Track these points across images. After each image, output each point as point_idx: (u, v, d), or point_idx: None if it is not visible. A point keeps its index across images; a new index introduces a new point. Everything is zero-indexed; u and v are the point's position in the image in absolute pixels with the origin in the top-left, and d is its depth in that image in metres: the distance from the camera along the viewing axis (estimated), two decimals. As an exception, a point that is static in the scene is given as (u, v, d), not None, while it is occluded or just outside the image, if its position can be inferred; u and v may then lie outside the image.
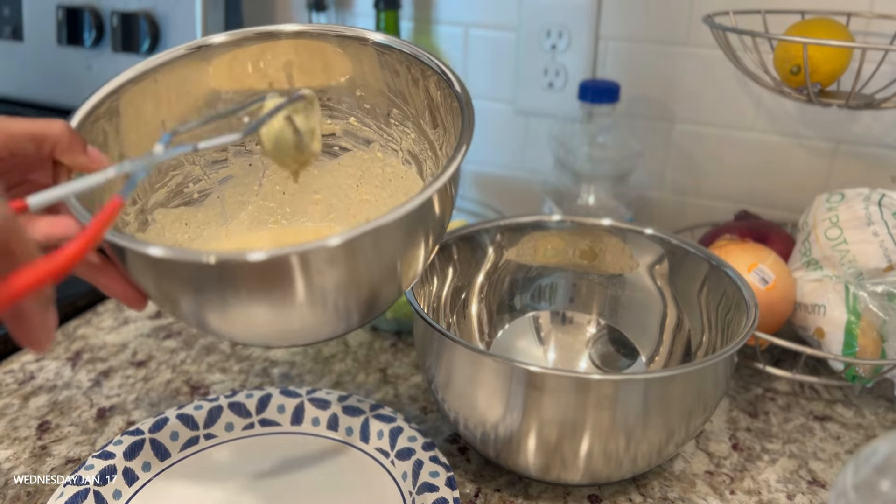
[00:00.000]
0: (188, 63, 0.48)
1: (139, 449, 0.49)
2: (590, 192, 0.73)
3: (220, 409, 0.52)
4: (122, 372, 0.60)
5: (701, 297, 0.55)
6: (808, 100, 0.59)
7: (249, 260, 0.34)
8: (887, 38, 0.64)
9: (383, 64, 0.48)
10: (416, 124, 0.49)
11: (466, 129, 0.42)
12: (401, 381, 0.60)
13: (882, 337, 0.54)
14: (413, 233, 0.40)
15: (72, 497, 0.44)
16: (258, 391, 0.54)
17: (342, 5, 0.86)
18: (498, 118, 0.85)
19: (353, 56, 0.49)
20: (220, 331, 0.40)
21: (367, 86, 0.50)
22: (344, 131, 0.52)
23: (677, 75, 0.75)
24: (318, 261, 0.36)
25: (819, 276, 0.58)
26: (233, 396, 0.53)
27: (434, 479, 0.46)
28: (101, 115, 0.45)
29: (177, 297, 0.38)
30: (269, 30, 0.48)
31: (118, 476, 0.47)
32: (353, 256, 0.37)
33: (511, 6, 0.79)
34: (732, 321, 0.51)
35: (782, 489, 0.50)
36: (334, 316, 0.40)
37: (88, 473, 0.46)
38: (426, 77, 0.47)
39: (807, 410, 0.58)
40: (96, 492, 0.45)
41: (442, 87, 0.46)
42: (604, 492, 0.49)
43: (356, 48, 0.48)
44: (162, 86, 0.48)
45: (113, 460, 0.47)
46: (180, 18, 0.79)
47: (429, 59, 0.46)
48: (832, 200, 0.60)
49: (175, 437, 0.50)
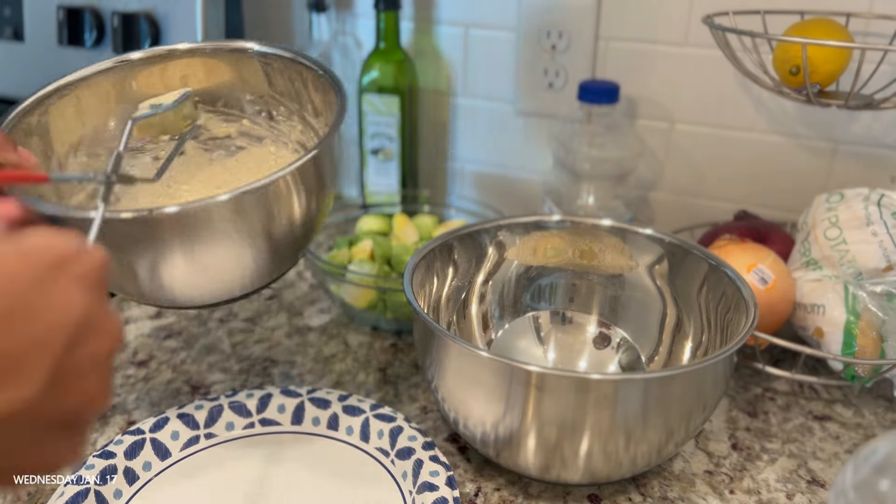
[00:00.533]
0: (108, 77, 0.54)
1: (140, 448, 0.49)
2: (590, 192, 0.73)
3: (220, 409, 0.52)
4: (122, 371, 0.60)
5: (700, 296, 0.55)
6: (807, 100, 0.59)
7: (166, 212, 0.41)
8: (886, 38, 0.65)
9: (266, 69, 0.56)
10: (301, 117, 0.56)
11: (339, 113, 0.48)
12: (401, 381, 0.61)
13: (881, 337, 0.55)
14: (296, 192, 0.45)
15: (72, 497, 0.44)
16: (258, 391, 0.54)
17: (342, 5, 0.86)
18: (498, 118, 0.85)
19: (240, 65, 0.56)
20: (138, 288, 0.45)
21: (255, 90, 0.57)
22: (238, 132, 0.58)
23: (677, 75, 0.76)
24: (217, 210, 0.42)
25: (818, 276, 0.59)
26: (233, 396, 0.54)
27: (434, 478, 0.46)
28: (31, 124, 0.50)
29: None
30: (168, 49, 0.56)
31: (119, 476, 0.47)
32: (241, 212, 0.43)
33: (511, 6, 0.79)
34: (732, 321, 0.51)
35: (782, 489, 0.50)
36: (232, 269, 0.46)
37: (89, 473, 0.46)
38: (304, 76, 0.54)
39: (806, 410, 0.58)
40: (97, 491, 0.45)
41: (320, 81, 0.52)
42: (603, 491, 0.49)
43: (242, 58, 0.56)
44: (84, 98, 0.54)
45: (114, 460, 0.47)
46: (181, 19, 0.79)
47: (304, 59, 0.53)
48: (831, 200, 0.60)
49: (176, 436, 0.51)
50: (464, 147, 0.88)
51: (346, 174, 0.92)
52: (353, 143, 0.89)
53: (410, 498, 0.47)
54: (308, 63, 0.53)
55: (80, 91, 0.53)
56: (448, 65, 0.85)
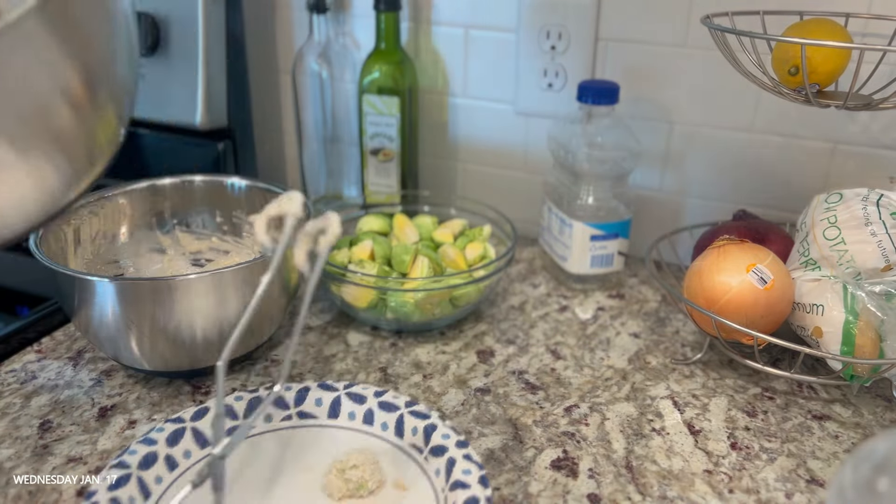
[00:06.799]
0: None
1: (180, 437, 0.49)
2: (589, 192, 0.73)
3: (258, 401, 0.53)
4: (123, 371, 0.61)
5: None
6: (806, 100, 0.59)
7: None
8: (885, 38, 0.65)
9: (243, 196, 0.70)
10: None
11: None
12: (401, 380, 0.61)
13: (880, 336, 0.55)
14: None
15: (115, 481, 0.45)
16: (296, 384, 0.55)
17: (342, 6, 0.86)
18: (498, 119, 0.85)
19: (218, 192, 0.70)
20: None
21: (225, 212, 0.71)
22: (208, 247, 0.71)
23: (676, 76, 0.76)
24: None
25: (817, 276, 0.59)
26: (272, 388, 0.54)
27: (466, 476, 0.46)
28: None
29: None
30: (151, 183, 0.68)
31: (160, 462, 0.48)
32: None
33: (511, 7, 0.80)
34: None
35: (781, 488, 0.50)
36: None
37: (132, 458, 0.47)
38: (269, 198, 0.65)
39: (805, 410, 0.58)
40: (139, 476, 0.46)
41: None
42: (603, 491, 0.49)
43: (221, 187, 0.70)
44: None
45: (155, 447, 0.48)
46: (182, 20, 0.79)
47: (277, 187, 0.68)
48: (830, 201, 0.60)
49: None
50: (464, 147, 0.88)
51: (346, 174, 0.92)
52: (353, 144, 0.89)
53: (443, 495, 0.47)
54: (278, 190, 0.66)
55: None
56: (448, 65, 0.85)
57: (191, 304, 0.54)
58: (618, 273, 0.77)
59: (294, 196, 0.45)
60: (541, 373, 0.62)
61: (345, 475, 0.48)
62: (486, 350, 0.65)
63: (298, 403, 0.54)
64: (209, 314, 0.55)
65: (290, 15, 0.89)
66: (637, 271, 0.81)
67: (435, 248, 0.72)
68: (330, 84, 0.86)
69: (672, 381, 0.61)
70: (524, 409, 0.57)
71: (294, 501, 0.48)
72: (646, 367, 0.63)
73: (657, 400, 0.59)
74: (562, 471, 0.51)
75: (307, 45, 0.84)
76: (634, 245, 0.82)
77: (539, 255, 0.84)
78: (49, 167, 0.42)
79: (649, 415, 0.57)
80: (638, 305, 0.74)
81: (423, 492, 0.48)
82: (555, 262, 0.78)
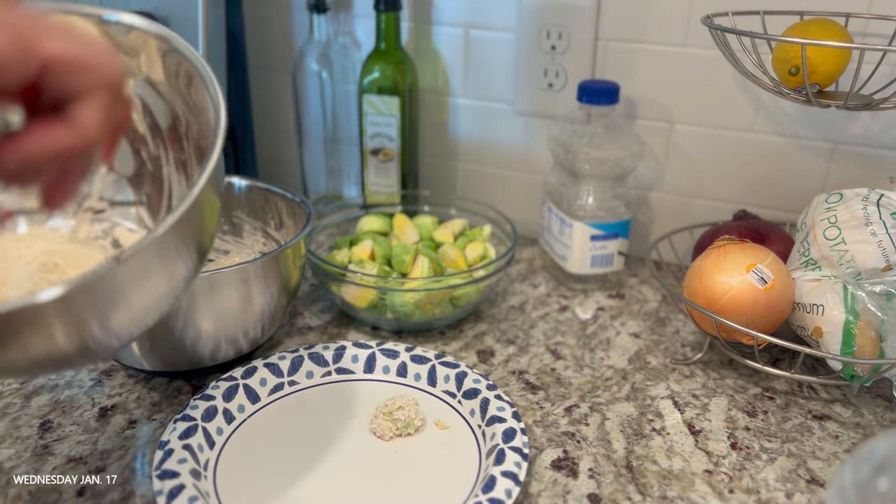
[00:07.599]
0: None
1: (234, 392, 0.55)
2: (589, 192, 0.73)
3: (301, 360, 0.59)
4: (123, 371, 0.61)
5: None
6: (806, 100, 0.59)
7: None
8: (885, 38, 0.65)
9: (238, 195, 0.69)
10: (264, 232, 0.69)
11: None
12: (401, 380, 0.61)
13: (880, 336, 0.55)
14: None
15: (184, 430, 0.50)
16: (333, 343, 0.61)
17: (342, 6, 0.86)
18: (498, 119, 0.85)
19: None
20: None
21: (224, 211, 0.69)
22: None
23: (676, 76, 0.76)
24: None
25: (817, 276, 0.59)
26: (311, 349, 0.60)
27: (501, 412, 0.52)
28: None
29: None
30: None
31: (219, 415, 0.53)
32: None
33: (511, 7, 0.80)
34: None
35: (781, 488, 0.50)
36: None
37: (195, 412, 0.52)
38: (269, 199, 0.68)
39: (805, 410, 0.58)
40: (203, 427, 0.51)
41: (285, 201, 0.67)
42: (603, 491, 0.49)
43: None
44: None
45: (213, 402, 0.53)
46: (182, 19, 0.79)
47: (277, 188, 0.67)
48: (831, 201, 0.60)
49: (264, 383, 0.57)
50: (464, 147, 0.88)
51: (346, 174, 0.92)
52: (354, 144, 0.89)
53: (480, 431, 0.52)
54: (278, 191, 0.66)
55: None
56: (448, 65, 0.85)
57: (191, 303, 0.54)
58: (618, 273, 0.77)
59: None
60: (541, 373, 0.62)
61: (392, 416, 0.53)
62: (487, 350, 0.65)
63: (336, 360, 0.60)
64: (209, 314, 0.55)
65: (290, 15, 0.89)
66: (637, 271, 0.81)
67: (435, 248, 0.72)
68: (330, 84, 0.86)
69: (672, 381, 0.61)
70: (524, 409, 0.57)
71: (348, 445, 0.52)
72: (646, 367, 0.63)
73: (657, 400, 0.59)
74: (562, 471, 0.51)
75: (307, 45, 0.84)
76: (634, 245, 0.82)
77: (539, 255, 0.84)
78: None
79: (649, 415, 0.57)
80: (638, 305, 0.74)
81: (461, 429, 0.54)
82: (555, 262, 0.78)
